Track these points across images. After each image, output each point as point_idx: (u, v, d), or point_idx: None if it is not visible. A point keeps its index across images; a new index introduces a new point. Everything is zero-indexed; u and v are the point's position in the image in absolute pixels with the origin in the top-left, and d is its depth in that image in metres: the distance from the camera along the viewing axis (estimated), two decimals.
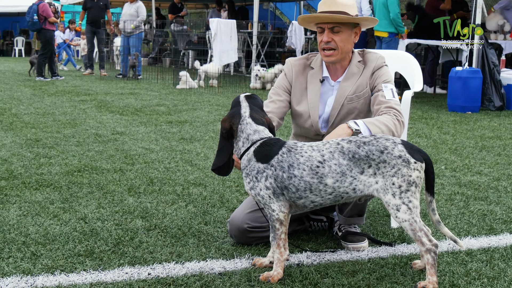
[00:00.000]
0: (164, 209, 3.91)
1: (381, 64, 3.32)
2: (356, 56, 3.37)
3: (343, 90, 3.32)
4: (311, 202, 2.81)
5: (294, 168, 2.75)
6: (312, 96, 3.36)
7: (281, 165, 2.76)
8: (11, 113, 7.96)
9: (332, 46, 3.26)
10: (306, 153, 2.76)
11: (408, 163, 2.68)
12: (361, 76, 3.32)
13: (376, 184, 2.72)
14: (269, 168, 2.77)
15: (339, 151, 2.74)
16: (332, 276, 2.88)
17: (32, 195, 4.12)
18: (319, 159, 2.74)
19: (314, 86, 3.37)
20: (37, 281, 2.77)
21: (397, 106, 3.16)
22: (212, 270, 2.93)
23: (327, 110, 3.35)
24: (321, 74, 3.39)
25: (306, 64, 3.45)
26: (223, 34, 12.14)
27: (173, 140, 6.35)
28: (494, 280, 2.86)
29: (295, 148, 2.79)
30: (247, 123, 2.86)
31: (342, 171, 2.72)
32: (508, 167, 5.37)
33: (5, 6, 24.02)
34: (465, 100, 9.36)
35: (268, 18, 22.34)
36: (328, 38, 3.25)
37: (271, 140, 2.84)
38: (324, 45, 3.27)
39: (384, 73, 3.30)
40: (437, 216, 2.81)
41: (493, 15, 12.10)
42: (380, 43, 11.29)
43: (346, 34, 3.26)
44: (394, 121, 3.07)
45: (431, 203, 2.80)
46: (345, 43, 3.27)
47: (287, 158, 2.76)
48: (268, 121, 2.95)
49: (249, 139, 2.84)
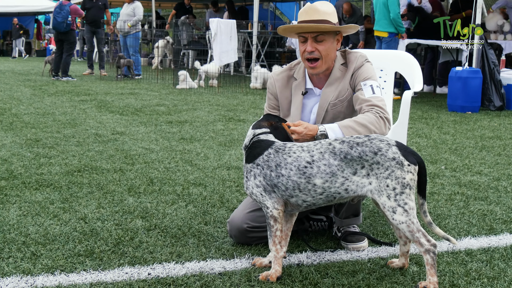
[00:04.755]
0: (164, 209, 3.92)
1: (361, 64, 3.25)
2: (339, 59, 3.32)
3: (325, 96, 3.29)
4: (303, 201, 2.82)
5: (282, 167, 2.78)
6: (294, 110, 3.34)
7: (268, 164, 2.81)
8: (11, 113, 7.96)
9: (316, 56, 3.21)
10: (295, 154, 2.79)
11: (401, 166, 2.67)
12: (343, 79, 3.27)
13: (369, 185, 2.72)
14: (256, 167, 2.84)
15: (330, 151, 2.74)
16: (332, 276, 2.88)
17: (32, 195, 4.12)
18: (307, 160, 2.76)
19: (297, 100, 3.34)
20: (37, 281, 2.77)
21: (379, 102, 3.09)
22: (212, 270, 2.94)
23: (312, 118, 3.33)
24: (303, 85, 3.34)
25: (289, 75, 3.40)
26: (223, 34, 12.14)
27: (173, 140, 6.36)
28: (494, 280, 2.86)
29: (283, 148, 2.83)
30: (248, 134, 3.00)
31: (332, 172, 2.73)
32: (508, 167, 5.37)
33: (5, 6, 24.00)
34: (465, 100, 9.36)
35: (268, 18, 22.34)
36: (312, 48, 3.20)
37: (259, 141, 2.91)
38: (308, 55, 3.22)
39: (363, 71, 3.22)
40: (428, 218, 2.80)
41: (493, 15, 12.11)
42: (380, 43, 11.29)
43: (329, 43, 3.22)
44: (376, 119, 3.02)
45: (422, 205, 2.79)
46: (328, 52, 3.22)
47: (274, 158, 2.81)
48: (273, 124, 2.98)
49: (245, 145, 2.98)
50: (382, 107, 3.09)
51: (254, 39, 13.52)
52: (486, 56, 9.59)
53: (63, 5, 13.48)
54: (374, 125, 3.01)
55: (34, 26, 27.66)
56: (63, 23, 13.33)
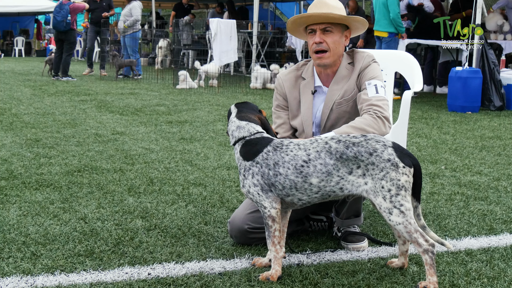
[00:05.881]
0: (164, 209, 3.92)
1: (367, 63, 3.26)
2: (346, 58, 3.33)
3: (331, 94, 3.29)
4: (298, 200, 2.83)
5: (279, 166, 2.77)
6: (305, 109, 3.34)
7: (267, 163, 2.80)
8: (11, 113, 7.96)
9: (324, 48, 3.23)
10: (292, 152, 2.78)
11: (396, 167, 2.66)
12: (350, 79, 3.28)
13: (365, 185, 2.71)
14: (255, 165, 2.82)
15: (326, 150, 2.74)
16: (332, 276, 2.88)
17: (32, 195, 4.12)
18: (304, 159, 2.75)
19: (307, 99, 3.34)
20: (37, 281, 2.77)
21: (378, 101, 3.09)
22: (212, 270, 2.94)
23: (318, 115, 3.34)
24: (313, 84, 3.36)
25: (297, 75, 3.41)
26: (223, 34, 12.14)
27: (173, 140, 6.36)
28: (494, 280, 2.86)
29: (281, 146, 2.81)
30: (232, 121, 2.95)
31: (328, 171, 2.72)
32: (508, 167, 5.37)
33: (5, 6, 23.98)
34: (465, 100, 9.36)
35: (268, 18, 22.35)
36: (320, 39, 3.22)
37: (255, 138, 2.87)
38: (316, 46, 3.23)
39: (369, 71, 3.23)
40: (422, 221, 2.79)
41: (493, 15, 12.11)
42: (380, 43, 11.29)
43: (337, 36, 3.24)
44: (374, 120, 3.02)
45: (416, 208, 2.77)
46: (336, 45, 3.24)
47: (272, 156, 2.80)
48: (261, 119, 2.96)
49: (233, 136, 2.93)
50: (381, 106, 3.08)
51: (254, 39, 13.52)
52: (486, 56, 9.59)
53: (63, 4, 13.50)
54: (372, 126, 3.01)
55: (34, 26, 27.66)
56: (62, 22, 13.34)
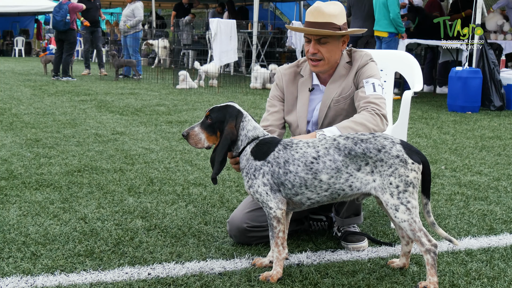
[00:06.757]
0: (164, 209, 3.92)
1: (365, 62, 3.27)
2: (344, 57, 3.33)
3: (329, 92, 3.31)
4: (307, 199, 2.82)
5: (290, 164, 2.77)
6: (301, 105, 3.35)
7: (277, 161, 2.80)
8: (11, 113, 7.96)
9: (318, 58, 3.24)
10: (301, 150, 2.79)
11: (405, 164, 2.68)
12: (347, 77, 3.29)
13: (373, 182, 2.72)
14: (266, 164, 2.81)
15: (335, 147, 2.74)
16: (332, 276, 2.88)
17: (32, 195, 4.12)
18: (313, 155, 2.76)
19: (303, 96, 3.36)
20: (37, 281, 2.77)
21: (376, 99, 3.10)
22: (212, 270, 2.94)
23: (315, 114, 3.34)
24: (310, 82, 3.37)
25: (296, 72, 3.43)
26: (223, 34, 12.13)
27: (173, 140, 6.36)
28: (494, 280, 2.87)
29: (291, 145, 2.83)
30: (248, 119, 2.91)
31: (337, 167, 2.73)
32: (508, 167, 5.37)
33: (5, 6, 23.97)
34: (465, 100, 9.36)
35: (268, 18, 22.35)
36: (314, 50, 3.22)
37: (266, 138, 2.89)
38: (310, 56, 3.25)
39: (367, 70, 3.24)
40: (432, 218, 2.80)
41: (493, 15, 12.11)
42: (380, 43, 11.29)
43: (333, 45, 3.23)
44: (372, 116, 3.03)
45: (426, 205, 2.79)
46: (331, 54, 3.24)
47: (283, 154, 2.80)
48: None
49: (247, 136, 2.88)
50: (379, 103, 3.09)
51: (254, 39, 13.52)
52: (486, 56, 9.59)
53: (62, 4, 13.51)
54: (371, 122, 3.02)
55: (34, 26, 27.65)
56: (61, 22, 13.35)
